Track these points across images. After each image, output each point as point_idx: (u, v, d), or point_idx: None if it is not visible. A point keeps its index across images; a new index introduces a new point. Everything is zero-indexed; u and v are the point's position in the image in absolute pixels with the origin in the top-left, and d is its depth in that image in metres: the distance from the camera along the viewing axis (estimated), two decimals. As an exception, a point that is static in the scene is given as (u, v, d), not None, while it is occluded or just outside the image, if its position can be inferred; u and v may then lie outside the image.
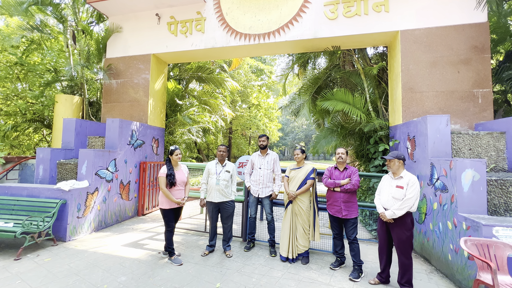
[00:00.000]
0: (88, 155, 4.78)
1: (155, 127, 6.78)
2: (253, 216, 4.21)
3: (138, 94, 6.62)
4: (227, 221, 3.89)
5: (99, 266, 3.40)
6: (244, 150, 22.24)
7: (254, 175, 4.16)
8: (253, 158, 4.26)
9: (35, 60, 8.29)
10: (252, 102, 19.33)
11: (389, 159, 3.04)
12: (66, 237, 4.24)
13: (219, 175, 3.86)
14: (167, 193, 3.43)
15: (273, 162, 4.16)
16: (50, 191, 4.36)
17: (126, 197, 5.67)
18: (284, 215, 3.78)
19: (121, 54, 6.84)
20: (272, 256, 3.87)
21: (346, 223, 3.39)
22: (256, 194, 4.07)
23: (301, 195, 3.65)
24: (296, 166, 3.84)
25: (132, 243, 4.29)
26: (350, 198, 3.38)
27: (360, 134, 6.07)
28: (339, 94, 5.97)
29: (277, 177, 4.15)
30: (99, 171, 4.92)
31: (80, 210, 4.49)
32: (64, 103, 7.10)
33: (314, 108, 6.66)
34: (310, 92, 6.28)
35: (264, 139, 4.20)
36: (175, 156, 3.57)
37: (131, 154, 5.84)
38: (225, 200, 3.83)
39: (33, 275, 3.10)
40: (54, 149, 5.27)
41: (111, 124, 5.46)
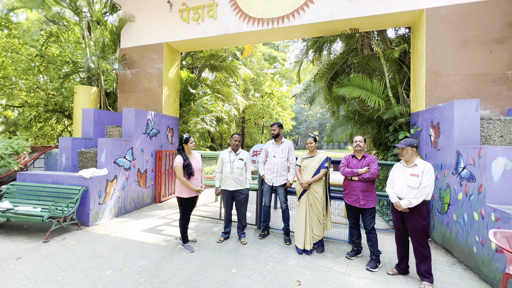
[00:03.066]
0: (107, 144, 4.91)
1: (170, 116, 6.85)
2: (267, 204, 4.20)
3: (152, 84, 6.67)
4: (241, 209, 3.91)
5: (120, 249, 3.54)
6: (257, 140, 22.21)
7: (268, 164, 4.12)
8: (267, 147, 4.21)
9: (54, 52, 8.53)
10: (265, 90, 19.06)
11: (401, 148, 2.90)
12: (89, 222, 4.45)
13: (232, 163, 3.85)
14: (186, 182, 3.46)
15: (288, 151, 4.09)
16: (72, 179, 4.55)
17: (143, 184, 5.84)
18: (297, 206, 3.73)
19: (135, 44, 6.87)
20: (286, 244, 3.87)
21: (364, 212, 3.30)
22: (271, 182, 4.04)
23: (315, 185, 3.58)
24: (309, 155, 3.75)
25: (150, 228, 4.43)
26: (368, 188, 3.27)
27: (379, 121, 5.82)
28: (356, 80, 5.71)
29: (291, 166, 4.08)
30: (117, 160, 5.07)
31: (101, 196, 4.67)
32: (83, 94, 7.31)
33: (330, 95, 6.43)
34: (326, 79, 6.04)
35: (275, 128, 4.11)
36: (190, 144, 3.58)
37: (147, 143, 5.96)
38: (239, 188, 3.83)
39: (60, 257, 3.28)
40: (75, 138, 5.47)
41: (127, 114, 5.56)
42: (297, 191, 3.74)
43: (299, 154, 4.14)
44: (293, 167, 4.06)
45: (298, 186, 3.69)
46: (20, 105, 7.74)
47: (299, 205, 3.70)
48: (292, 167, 4.06)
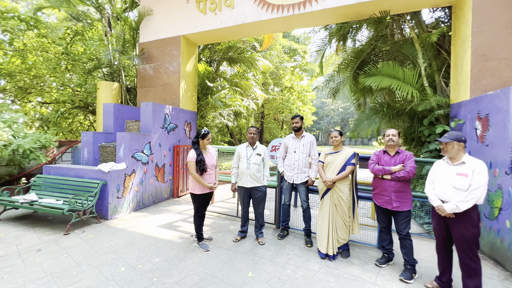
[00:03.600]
0: (125, 138, 4.91)
1: (187, 110, 6.76)
2: (287, 203, 3.92)
3: (170, 78, 6.61)
4: (259, 207, 3.68)
5: (136, 245, 3.48)
6: (276, 135, 21.86)
7: (288, 160, 3.83)
8: (286, 141, 3.91)
9: (79, 50, 8.82)
10: (284, 84, 18.56)
11: (446, 142, 2.46)
12: (108, 215, 4.48)
13: (249, 159, 3.61)
14: (199, 178, 3.29)
15: (310, 145, 3.77)
16: (92, 172, 4.60)
17: (161, 179, 5.82)
18: (320, 206, 3.41)
19: (153, 38, 6.83)
20: (308, 247, 3.58)
21: (397, 216, 2.91)
22: (291, 180, 3.76)
23: (340, 183, 3.23)
24: (333, 150, 3.40)
25: (166, 224, 4.36)
26: (402, 188, 2.87)
27: (411, 114, 5.26)
28: (386, 69, 5.18)
29: (313, 162, 3.76)
30: (135, 154, 5.06)
31: (119, 190, 4.68)
32: (105, 89, 7.45)
33: (356, 86, 5.93)
34: (352, 68, 5.55)
35: (297, 120, 3.80)
36: (206, 140, 3.39)
37: (165, 137, 5.92)
38: (256, 185, 3.59)
39: (78, 250, 3.28)
40: (95, 132, 5.55)
41: (145, 108, 5.53)
42: (320, 190, 3.42)
43: (321, 150, 3.81)
44: (315, 163, 3.74)
45: (321, 185, 3.37)
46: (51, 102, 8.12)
47: (322, 205, 3.38)
48: (314, 163, 3.74)
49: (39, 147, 6.09)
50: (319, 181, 3.44)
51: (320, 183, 3.40)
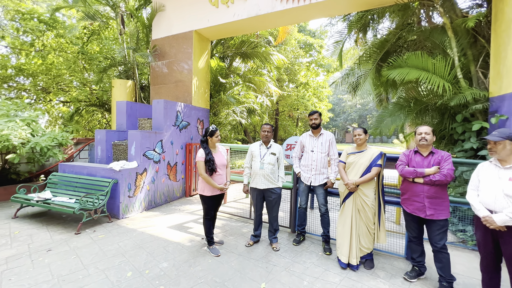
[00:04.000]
0: (136, 136, 4.82)
1: (200, 107, 6.61)
2: (303, 206, 3.64)
3: (182, 74, 6.48)
4: (273, 211, 3.42)
5: (145, 248, 3.35)
6: (291, 132, 21.41)
7: (304, 159, 3.54)
8: (303, 139, 3.62)
9: (94, 49, 8.94)
10: (300, 80, 18.06)
11: (495, 141, 2.07)
12: (119, 214, 4.42)
13: (263, 158, 3.36)
14: (208, 179, 3.09)
15: (329, 144, 3.45)
16: (104, 171, 4.55)
17: (173, 178, 5.72)
18: (341, 210, 3.10)
19: (165, 34, 6.73)
20: (326, 254, 3.29)
21: (431, 225, 2.55)
22: (308, 181, 3.47)
23: (365, 187, 2.90)
24: (357, 149, 3.07)
25: (177, 225, 4.22)
26: (438, 193, 2.50)
27: (442, 109, 4.76)
28: (414, 59, 4.70)
29: (333, 162, 3.44)
30: (147, 152, 4.96)
31: (131, 189, 4.61)
32: (119, 87, 7.47)
33: (378, 79, 5.48)
34: (374, 60, 5.10)
35: (316, 117, 3.50)
36: (215, 137, 3.18)
37: (177, 135, 5.80)
38: (270, 187, 3.34)
39: (87, 252, 3.20)
40: (109, 130, 5.53)
41: (157, 105, 5.43)
42: (341, 193, 3.10)
43: (340, 149, 3.49)
44: (335, 164, 3.42)
45: (343, 187, 3.05)
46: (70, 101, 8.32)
47: (343, 210, 3.07)
48: (333, 163, 3.42)
49: (56, 145, 6.19)
50: (340, 183, 3.12)
51: (342, 185, 3.09)
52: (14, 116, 5.69)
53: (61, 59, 9.09)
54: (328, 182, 3.40)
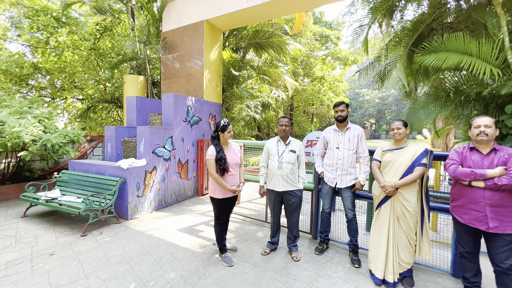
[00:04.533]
0: (145, 133, 4.56)
1: (212, 102, 6.28)
2: (326, 211, 3.21)
3: (193, 68, 6.16)
4: (293, 216, 3.02)
5: (151, 254, 3.07)
6: (306, 128, 20.78)
7: (328, 157, 3.09)
8: (326, 135, 3.17)
9: (107, 45, 8.84)
10: (315, 74, 17.34)
11: None
12: (128, 215, 4.19)
13: (281, 157, 2.95)
14: (219, 180, 2.74)
15: (358, 140, 2.99)
16: (112, 169, 4.33)
17: (185, 176, 5.45)
18: (375, 217, 2.65)
19: (176, 26, 6.43)
20: (355, 267, 2.85)
21: (495, 240, 2.04)
22: (332, 183, 3.02)
23: (406, 190, 2.42)
24: (395, 146, 2.59)
25: (187, 228, 3.92)
26: (505, 201, 1.99)
27: (487, 100, 4.12)
28: (453, 42, 4.07)
29: (362, 161, 2.98)
30: (156, 149, 4.70)
31: (140, 189, 4.36)
32: (131, 83, 7.31)
33: (409, 67, 4.87)
34: (406, 44, 4.50)
35: (342, 108, 3.03)
36: (227, 133, 2.81)
37: (188, 131, 5.50)
38: (290, 189, 2.93)
39: (90, 257, 2.95)
40: (118, 127, 5.33)
41: (166, 100, 5.15)
42: (375, 197, 2.65)
43: (372, 145, 3.00)
44: (364, 163, 2.96)
45: (378, 190, 2.59)
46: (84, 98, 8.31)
47: (377, 216, 2.61)
48: (364, 162, 2.96)
49: (68, 142, 6.10)
50: (375, 185, 2.66)
51: (376, 188, 2.62)
52: (26, 113, 5.63)
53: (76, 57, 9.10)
54: (357, 184, 2.94)
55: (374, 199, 2.66)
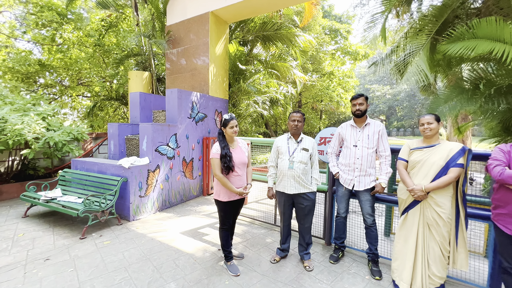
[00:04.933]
0: (147, 130, 4.35)
1: (218, 98, 6.02)
2: (342, 215, 2.91)
3: (198, 62, 5.91)
4: (305, 221, 2.73)
5: (152, 260, 2.85)
6: (314, 125, 20.35)
7: (345, 157, 2.78)
8: (342, 131, 2.86)
9: (112, 41, 8.70)
10: (325, 70, 16.84)
11: None
12: (130, 216, 3.99)
13: (292, 155, 2.66)
14: (224, 180, 2.48)
15: (378, 137, 2.67)
16: (114, 168, 4.14)
17: (189, 175, 5.23)
18: (401, 223, 2.33)
19: (180, 19, 6.18)
20: (375, 279, 2.54)
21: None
22: (349, 185, 2.72)
23: (438, 194, 2.10)
24: (425, 143, 2.26)
25: (191, 230, 3.69)
26: None
27: (522, 91, 3.69)
28: (484, 28, 3.66)
29: (384, 160, 2.65)
30: (159, 147, 4.49)
31: (142, 188, 4.16)
32: (135, 79, 7.13)
33: (431, 57, 4.46)
34: (429, 31, 4.09)
35: (361, 101, 2.71)
36: (229, 128, 2.54)
37: (193, 128, 5.27)
38: (302, 192, 2.64)
39: (87, 263, 2.76)
40: (121, 124, 5.14)
41: (170, 96, 4.92)
42: (401, 201, 2.33)
43: (394, 142, 2.67)
44: (386, 162, 2.64)
45: (404, 194, 2.28)
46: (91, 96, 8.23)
47: (404, 223, 2.30)
48: (386, 161, 2.64)
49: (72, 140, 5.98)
50: (401, 188, 2.34)
51: (402, 191, 2.31)
52: (30, 110, 5.53)
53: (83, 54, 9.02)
54: (377, 186, 2.62)
55: (400, 203, 2.35)
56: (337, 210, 2.94)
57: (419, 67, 3.84)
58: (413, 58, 4.21)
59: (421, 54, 3.96)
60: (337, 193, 2.91)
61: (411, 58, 4.39)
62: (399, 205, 2.37)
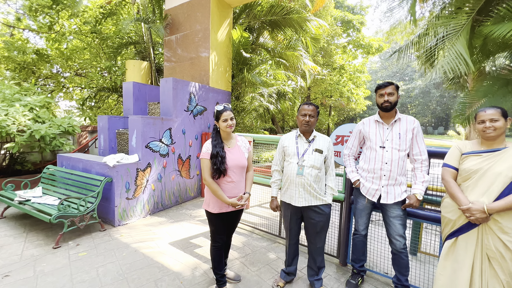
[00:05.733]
0: (136, 123, 3.86)
1: (219, 90, 5.48)
2: (361, 233, 2.34)
3: (198, 50, 5.36)
4: (316, 240, 2.18)
5: (130, 280, 2.36)
6: (323, 122, 19.62)
7: (368, 160, 2.20)
8: (365, 128, 2.28)
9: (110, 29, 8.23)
10: (336, 63, 16.02)
11: None
12: (115, 221, 3.53)
13: (302, 158, 2.10)
14: (214, 187, 1.96)
15: (412, 136, 2.08)
16: (99, 166, 3.68)
17: (186, 174, 4.74)
18: (446, 250, 1.76)
19: (179, 2, 5.63)
20: (406, 319, 1.98)
21: None
22: (373, 196, 2.15)
23: (505, 217, 1.51)
24: (484, 146, 1.67)
25: (183, 240, 3.20)
26: None
27: None
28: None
29: (419, 165, 2.07)
30: (151, 143, 3.99)
31: (130, 190, 3.69)
32: (133, 69, 6.66)
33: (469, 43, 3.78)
34: (470, 10, 3.37)
35: (391, 90, 2.12)
36: (222, 122, 2.00)
37: (190, 123, 4.76)
38: (314, 204, 2.09)
39: (51, 283, 2.29)
40: (111, 117, 4.68)
41: (165, 85, 4.41)
42: (448, 222, 1.76)
43: (431, 142, 2.06)
44: (423, 168, 2.05)
45: (454, 213, 1.70)
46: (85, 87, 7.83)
47: (451, 250, 1.73)
48: (421, 167, 2.05)
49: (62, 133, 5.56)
50: (448, 205, 1.76)
51: (451, 209, 1.72)
52: (17, 100, 5.13)
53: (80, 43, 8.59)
54: (411, 198, 2.05)
55: (445, 224, 1.77)
56: (356, 226, 2.38)
57: (458, 53, 3.18)
58: (449, 43, 3.53)
59: (460, 37, 3.29)
60: (356, 206, 2.34)
61: (445, 43, 3.70)
62: (444, 226, 1.80)
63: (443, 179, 1.82)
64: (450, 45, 3.38)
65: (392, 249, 2.17)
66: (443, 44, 3.63)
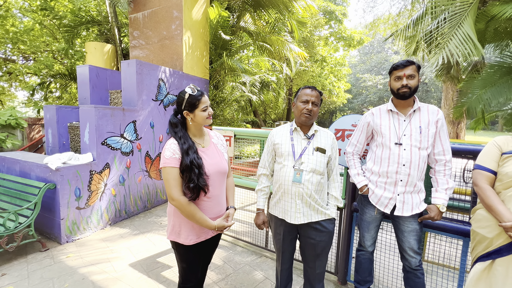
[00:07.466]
0: (89, 115, 3.12)
1: (194, 77, 4.80)
2: (368, 249, 1.91)
3: (169, 30, 4.63)
4: (316, 263, 1.69)
5: (67, 326, 1.74)
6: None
7: (379, 161, 1.74)
8: (374, 120, 1.81)
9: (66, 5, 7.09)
10: (319, 54, 15.74)
11: None
12: (61, 237, 2.83)
13: (300, 160, 1.58)
14: (190, 209, 1.34)
15: (436, 130, 1.64)
16: (39, 169, 2.92)
17: (156, 175, 4.08)
18: (477, 274, 1.35)
19: (146, -28, 4.80)
20: None
21: None
22: (386, 207, 1.70)
23: None
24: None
25: (147, 260, 2.60)
26: None
27: None
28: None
29: (442, 168, 1.65)
30: (109, 139, 3.28)
31: (82, 197, 2.98)
32: (94, 52, 5.75)
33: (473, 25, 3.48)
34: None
35: (411, 72, 1.66)
36: (201, 112, 1.41)
37: (160, 114, 4.07)
38: (315, 220, 1.59)
39: None
40: (61, 107, 3.85)
41: (127, 69, 3.67)
42: (479, 239, 1.35)
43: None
44: (446, 171, 1.63)
45: (489, 228, 1.28)
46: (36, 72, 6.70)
47: (485, 275, 1.32)
48: (444, 170, 1.64)
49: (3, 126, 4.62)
50: (481, 218, 1.34)
51: (487, 224, 1.30)
52: None
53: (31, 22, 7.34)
54: (432, 209, 1.62)
55: (477, 242, 1.36)
56: (361, 241, 1.94)
57: (465, 35, 2.81)
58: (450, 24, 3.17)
59: (468, 17, 2.93)
60: (362, 217, 1.89)
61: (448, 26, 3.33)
62: (475, 244, 1.39)
63: (476, 185, 1.40)
64: (451, 27, 3.00)
65: (404, 266, 1.77)
66: (446, 27, 3.26)
